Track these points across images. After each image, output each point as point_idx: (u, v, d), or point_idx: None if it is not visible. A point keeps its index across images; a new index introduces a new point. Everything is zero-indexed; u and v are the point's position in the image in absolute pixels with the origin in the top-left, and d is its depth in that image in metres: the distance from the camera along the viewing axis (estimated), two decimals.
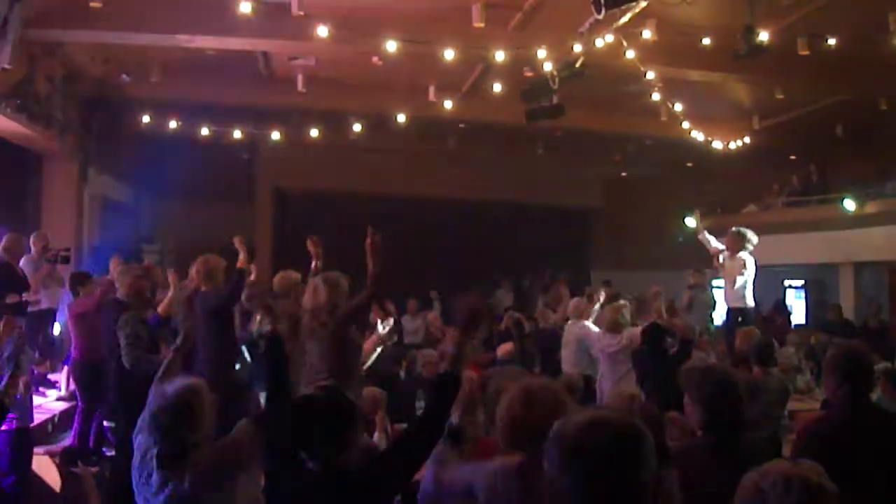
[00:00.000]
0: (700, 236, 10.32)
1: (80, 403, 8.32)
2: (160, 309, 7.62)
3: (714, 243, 10.16)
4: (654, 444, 2.06)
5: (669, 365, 6.39)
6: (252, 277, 8.02)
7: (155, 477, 3.50)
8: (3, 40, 8.01)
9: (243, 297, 7.20)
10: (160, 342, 6.78)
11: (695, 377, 3.62)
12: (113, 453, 7.59)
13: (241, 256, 7.02)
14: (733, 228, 10.17)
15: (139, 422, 3.78)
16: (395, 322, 7.78)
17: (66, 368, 9.69)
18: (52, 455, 7.72)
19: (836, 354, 3.85)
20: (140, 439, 3.70)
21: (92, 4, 8.50)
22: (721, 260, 10.07)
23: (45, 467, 7.14)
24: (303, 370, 5.91)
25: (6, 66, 8.25)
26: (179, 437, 3.48)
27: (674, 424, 4.07)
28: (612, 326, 8.16)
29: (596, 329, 8.58)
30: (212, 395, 3.69)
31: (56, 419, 8.95)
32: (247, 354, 7.90)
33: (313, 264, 7.18)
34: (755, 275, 9.87)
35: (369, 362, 7.01)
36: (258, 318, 7.52)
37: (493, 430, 5.36)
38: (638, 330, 8.03)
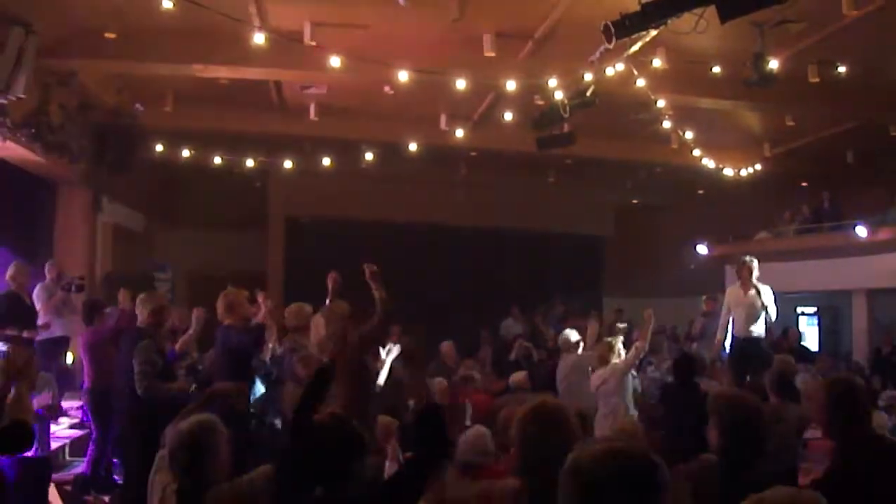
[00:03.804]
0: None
1: (94, 432, 8.31)
2: (178, 345, 7.65)
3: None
4: (668, 475, 2.05)
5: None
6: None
7: None
8: (17, 70, 8.07)
9: None
10: (176, 374, 6.82)
11: (720, 403, 3.60)
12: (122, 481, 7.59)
13: (263, 311, 7.13)
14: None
15: (156, 460, 3.77)
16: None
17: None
18: (64, 483, 7.71)
19: (830, 387, 3.73)
20: (158, 478, 3.69)
21: (106, 35, 8.56)
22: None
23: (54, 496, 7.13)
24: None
25: (20, 96, 8.31)
26: (198, 474, 3.47)
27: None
28: (601, 362, 7.96)
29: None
30: (226, 429, 3.68)
31: (68, 447, 8.96)
32: (260, 384, 7.90)
33: (328, 301, 7.20)
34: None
35: (379, 381, 6.99)
36: (269, 345, 7.58)
37: (503, 458, 5.37)
38: (620, 361, 7.87)
